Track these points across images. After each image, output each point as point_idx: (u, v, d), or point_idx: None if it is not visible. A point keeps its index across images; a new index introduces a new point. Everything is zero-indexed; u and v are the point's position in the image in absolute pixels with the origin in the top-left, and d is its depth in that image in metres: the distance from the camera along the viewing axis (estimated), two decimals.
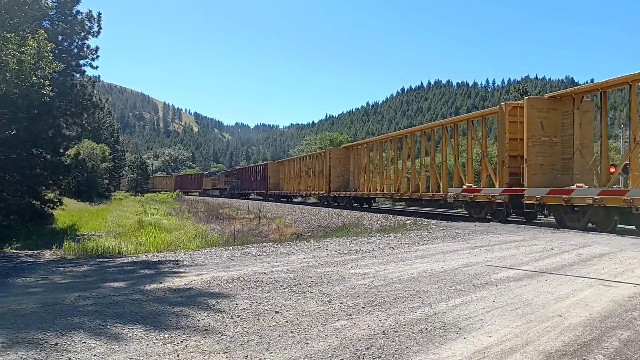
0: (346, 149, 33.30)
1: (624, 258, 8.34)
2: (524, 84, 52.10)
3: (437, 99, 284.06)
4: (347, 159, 32.23)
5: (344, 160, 32.27)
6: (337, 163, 32.20)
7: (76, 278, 6.74)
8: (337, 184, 32.06)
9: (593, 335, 4.16)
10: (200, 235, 17.94)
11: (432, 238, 11.82)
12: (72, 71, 21.95)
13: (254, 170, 53.93)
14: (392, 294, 5.65)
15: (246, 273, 6.95)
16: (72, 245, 12.30)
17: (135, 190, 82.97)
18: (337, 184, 32.10)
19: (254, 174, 52.39)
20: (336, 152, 33.39)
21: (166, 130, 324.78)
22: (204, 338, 4.03)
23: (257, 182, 49.83)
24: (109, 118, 66.48)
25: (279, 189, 44.53)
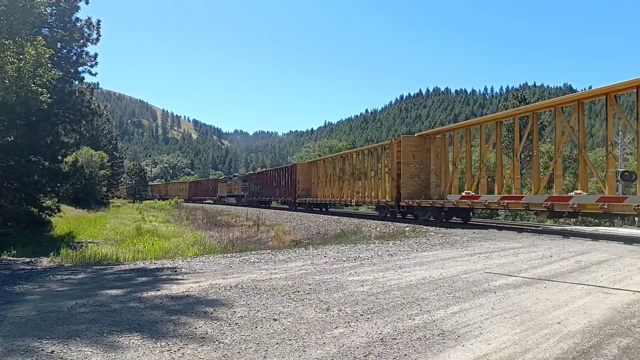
0: (423, 139, 23.08)
1: (622, 265, 8.33)
2: (523, 92, 52.33)
3: (435, 106, 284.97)
4: (426, 152, 22.43)
5: (419, 155, 22.50)
6: (409, 159, 22.28)
7: (73, 285, 6.71)
8: (410, 189, 22.05)
9: (592, 342, 4.15)
10: (199, 243, 17.92)
11: (431, 245, 11.81)
12: (71, 78, 22.01)
13: (277, 173, 44.25)
14: (391, 301, 5.64)
15: (244, 280, 6.93)
16: (70, 253, 12.23)
17: (133, 198, 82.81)
18: (411, 188, 22.07)
19: (277, 178, 43.57)
20: (408, 142, 22.88)
21: (165, 137, 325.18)
22: (201, 346, 4.01)
23: (282, 187, 41.61)
24: (107, 125, 66.53)
25: (311, 196, 36.02)
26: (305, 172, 37.55)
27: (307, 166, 38.63)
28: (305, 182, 37.26)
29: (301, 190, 37.16)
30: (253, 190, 50.59)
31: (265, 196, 47.07)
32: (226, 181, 65.11)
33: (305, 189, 37.04)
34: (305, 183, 37.23)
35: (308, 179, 37.20)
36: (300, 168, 38.26)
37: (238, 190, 56.71)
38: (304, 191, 37.04)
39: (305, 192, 37.00)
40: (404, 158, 22.31)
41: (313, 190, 36.26)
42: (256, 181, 50.90)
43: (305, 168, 38.17)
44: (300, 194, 37.09)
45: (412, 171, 22.30)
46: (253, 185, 51.08)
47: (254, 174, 55.72)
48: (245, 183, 54.71)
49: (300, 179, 37.36)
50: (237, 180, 59.93)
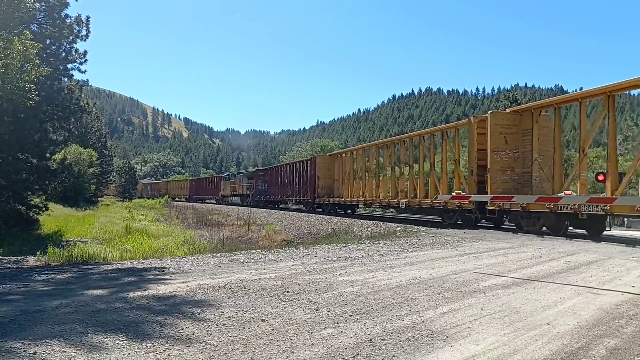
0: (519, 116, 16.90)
1: (611, 266, 8.36)
2: (514, 92, 52.52)
3: (427, 106, 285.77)
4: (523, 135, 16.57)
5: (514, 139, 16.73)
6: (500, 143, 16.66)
7: (59, 285, 6.61)
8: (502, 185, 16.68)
9: (580, 343, 4.14)
10: (188, 242, 17.82)
11: (422, 245, 11.81)
12: (60, 75, 21.83)
13: (290, 169, 38.25)
14: (380, 301, 5.60)
15: (233, 280, 6.87)
16: (57, 252, 12.13)
17: (123, 196, 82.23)
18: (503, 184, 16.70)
19: (289, 175, 37.77)
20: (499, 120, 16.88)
21: (155, 135, 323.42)
22: (187, 347, 3.95)
23: (296, 185, 35.88)
24: (96, 122, 66.09)
25: (334, 195, 30.74)
26: (326, 167, 31.84)
27: (329, 160, 32.63)
28: (326, 179, 31.74)
29: (322, 188, 31.54)
30: (260, 188, 45.08)
31: (274, 195, 41.52)
32: (229, 179, 58.50)
33: (327, 187, 31.57)
34: (327, 180, 31.73)
35: (330, 174, 31.72)
36: (321, 162, 32.35)
37: (243, 189, 50.94)
38: (325, 190, 31.51)
39: (326, 190, 31.49)
40: (493, 142, 16.56)
41: (337, 189, 30.87)
42: (264, 178, 45.02)
43: (327, 162, 32.33)
44: (320, 192, 31.50)
45: (503, 161, 16.73)
46: (260, 183, 45.28)
47: (261, 171, 48.27)
48: (251, 181, 48.42)
49: (321, 175, 31.70)
50: (241, 177, 53.57)
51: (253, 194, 46.72)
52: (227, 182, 58.04)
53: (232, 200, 54.57)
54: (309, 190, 33.13)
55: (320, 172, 31.81)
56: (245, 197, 49.90)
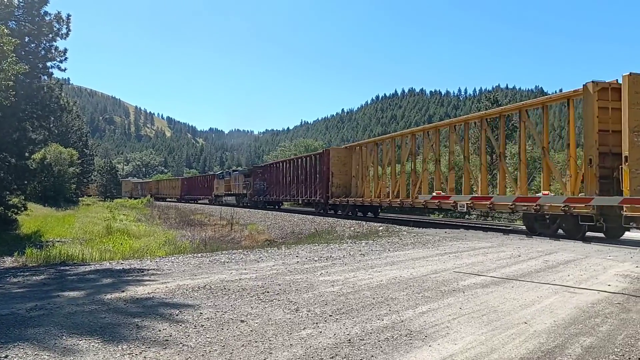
0: None
1: (588, 265, 8.48)
2: (495, 93, 53.00)
3: (410, 106, 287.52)
4: None
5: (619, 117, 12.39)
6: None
7: (34, 287, 6.49)
8: None
9: (557, 342, 4.19)
10: (170, 242, 17.65)
11: (403, 245, 11.85)
12: (39, 73, 21.55)
13: (295, 165, 33.75)
14: (360, 301, 5.61)
15: (213, 281, 6.81)
16: (35, 252, 11.93)
17: (104, 196, 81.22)
18: None
19: (294, 171, 33.42)
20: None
21: (138, 134, 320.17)
22: (164, 349, 3.90)
23: (303, 183, 31.61)
24: (77, 121, 65.18)
25: (352, 195, 26.64)
26: (341, 162, 27.57)
27: (344, 153, 28.15)
28: (342, 176, 27.43)
29: (336, 186, 27.21)
30: (258, 187, 40.80)
31: (274, 195, 37.22)
32: (224, 177, 53.22)
33: (342, 186, 27.28)
34: (343, 177, 27.44)
35: (346, 170, 27.48)
36: (336, 155, 27.78)
37: (238, 188, 46.39)
38: (340, 188, 27.21)
39: (342, 189, 27.23)
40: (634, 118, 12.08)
41: (355, 187, 26.64)
42: (262, 176, 40.52)
43: (343, 155, 27.89)
44: (335, 192, 27.19)
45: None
46: (258, 181, 40.93)
47: (259, 167, 43.94)
48: (248, 179, 43.58)
49: (336, 171, 27.35)
50: (237, 175, 48.28)
51: (250, 193, 42.45)
52: (221, 180, 53.31)
53: (226, 201, 50.57)
54: (321, 188, 28.53)
55: (334, 168, 27.29)
56: (241, 198, 45.81)
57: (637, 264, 8.51)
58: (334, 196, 27.12)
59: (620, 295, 6.03)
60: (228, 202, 49.65)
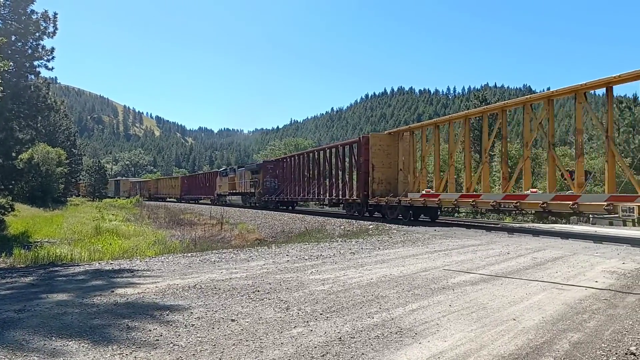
0: None
1: (576, 262, 8.58)
2: (484, 92, 53.34)
3: (400, 105, 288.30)
4: None
5: None
6: None
7: (22, 288, 6.43)
8: None
9: (545, 338, 4.24)
10: (160, 242, 17.57)
11: (393, 243, 11.90)
12: (26, 72, 21.33)
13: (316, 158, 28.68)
14: (351, 299, 5.63)
15: (203, 280, 6.80)
16: (23, 253, 11.83)
17: (92, 196, 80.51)
18: None
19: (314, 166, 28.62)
20: None
21: (126, 134, 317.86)
22: (154, 349, 3.89)
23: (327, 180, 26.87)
24: (65, 121, 64.53)
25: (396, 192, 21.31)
26: (384, 152, 22.08)
27: (388, 140, 22.41)
28: (385, 169, 22.00)
29: (378, 183, 21.78)
30: (269, 185, 35.65)
31: (289, 194, 32.30)
32: (227, 174, 47.31)
33: (385, 181, 21.92)
34: (386, 170, 22.00)
35: (390, 162, 22.12)
36: (377, 144, 22.08)
37: (245, 187, 40.60)
38: (383, 185, 21.84)
39: (385, 186, 21.81)
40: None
41: (402, 183, 21.49)
42: (273, 172, 35.76)
43: (386, 144, 22.22)
44: (376, 190, 21.70)
45: None
46: (269, 178, 35.77)
47: (270, 162, 38.11)
48: (256, 176, 37.79)
49: (377, 163, 21.87)
50: (243, 172, 42.12)
51: (259, 192, 36.71)
52: (224, 178, 47.46)
53: (231, 201, 45.35)
54: (356, 186, 23.39)
55: (375, 159, 21.88)
56: (248, 197, 40.20)
57: (623, 261, 8.62)
58: (376, 195, 21.51)
59: (607, 291, 6.11)
60: (233, 202, 44.64)
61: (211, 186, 51.99)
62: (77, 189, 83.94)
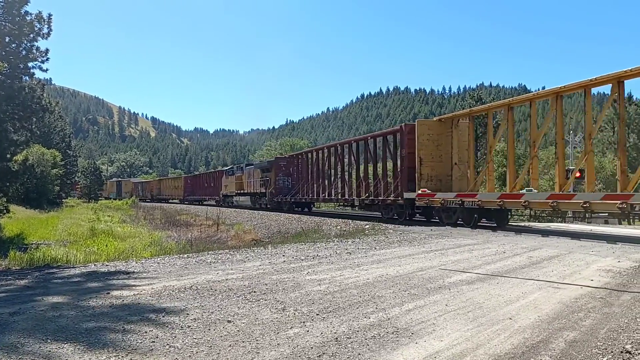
0: None
1: (572, 260, 8.60)
2: (479, 91, 53.48)
3: (395, 105, 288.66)
4: None
5: None
6: None
7: (17, 291, 6.40)
8: None
9: (541, 337, 4.24)
10: (156, 243, 17.52)
11: (389, 243, 11.91)
12: (20, 73, 21.27)
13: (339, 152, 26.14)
14: (347, 299, 5.63)
15: (199, 282, 6.79)
16: (18, 255, 11.78)
17: (88, 197, 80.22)
18: None
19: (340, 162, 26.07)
20: None
21: (122, 135, 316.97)
22: (150, 351, 3.88)
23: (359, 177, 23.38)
24: (60, 122, 64.31)
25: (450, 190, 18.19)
26: (434, 142, 18.90)
27: (438, 128, 19.17)
28: (434, 163, 18.81)
29: (427, 179, 18.64)
30: (282, 184, 32.98)
31: (307, 194, 29.44)
32: (234, 173, 43.70)
33: (436, 178, 18.82)
34: (436, 165, 18.84)
35: (443, 155, 18.89)
36: (426, 133, 18.88)
37: (254, 186, 37.52)
38: (433, 182, 18.69)
39: (435, 183, 18.71)
40: None
41: (459, 181, 18.31)
42: (286, 170, 33.09)
43: (436, 133, 19.00)
44: (427, 187, 18.31)
45: None
46: (282, 177, 33.13)
47: (283, 159, 35.18)
48: (267, 174, 34.74)
49: (425, 156, 18.68)
50: (251, 170, 38.65)
51: (271, 192, 33.55)
52: (230, 177, 44.27)
53: (238, 202, 41.93)
54: (397, 184, 19.82)
55: (423, 151, 18.61)
56: (258, 198, 37.01)
57: (618, 259, 8.65)
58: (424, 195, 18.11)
59: (602, 290, 6.13)
60: (241, 203, 41.09)
61: (216, 186, 49.24)
62: (78, 190, 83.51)
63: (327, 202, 29.37)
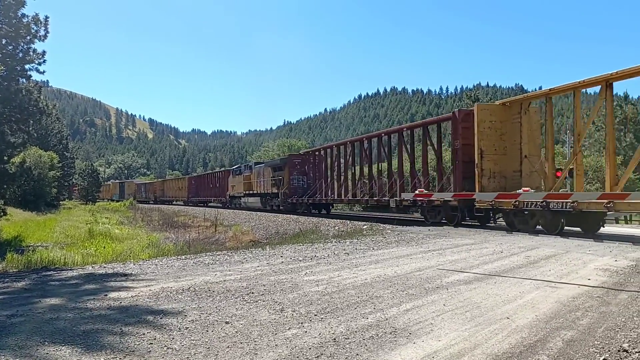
0: None
1: (569, 259, 8.62)
2: (476, 92, 53.62)
3: (393, 105, 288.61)
4: None
5: None
6: None
7: (14, 293, 6.38)
8: None
9: (538, 336, 4.25)
10: (153, 245, 17.50)
11: (387, 243, 11.91)
12: (17, 76, 21.22)
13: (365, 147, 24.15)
14: (345, 300, 5.63)
15: (197, 283, 6.78)
16: (16, 258, 11.77)
17: (86, 199, 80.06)
18: None
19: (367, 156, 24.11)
20: None
21: (119, 136, 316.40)
22: (148, 353, 3.87)
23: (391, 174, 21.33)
24: (57, 124, 64.18)
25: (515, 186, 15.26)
26: (497, 132, 15.83)
27: (502, 114, 16.02)
28: (499, 157, 15.82)
29: (490, 176, 15.70)
30: (297, 184, 30.38)
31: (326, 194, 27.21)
32: (241, 172, 40.78)
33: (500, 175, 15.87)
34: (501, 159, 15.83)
35: (505, 146, 15.85)
36: (487, 119, 15.77)
37: (264, 186, 34.77)
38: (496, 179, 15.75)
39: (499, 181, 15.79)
40: None
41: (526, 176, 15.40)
42: (301, 168, 30.53)
43: (499, 120, 15.92)
44: (487, 186, 15.62)
45: None
46: (296, 175, 30.48)
47: (297, 157, 32.28)
48: (279, 172, 32.11)
49: (487, 148, 15.69)
50: (261, 169, 36.03)
51: (284, 193, 30.87)
52: (237, 177, 41.32)
53: (246, 203, 39.01)
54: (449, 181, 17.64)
55: (485, 142, 15.59)
56: (269, 199, 34.15)
57: (616, 258, 8.67)
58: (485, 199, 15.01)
59: (600, 289, 6.14)
60: (249, 204, 38.26)
61: (222, 187, 46.84)
62: (76, 192, 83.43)
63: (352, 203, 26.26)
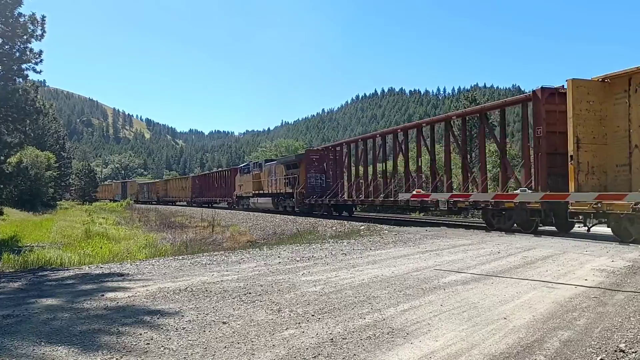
0: None
1: (566, 260, 8.63)
2: (473, 92, 53.61)
3: (390, 106, 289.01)
4: None
5: None
6: None
7: (10, 293, 6.35)
8: None
9: (536, 336, 4.26)
10: (151, 245, 17.47)
11: (384, 243, 11.92)
12: (14, 75, 21.12)
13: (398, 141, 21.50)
14: (343, 300, 5.63)
15: (194, 283, 6.77)
16: (12, 258, 11.72)
17: (82, 199, 79.91)
18: None
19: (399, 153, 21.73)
20: None
21: (116, 136, 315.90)
22: (145, 353, 3.86)
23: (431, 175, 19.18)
24: (54, 124, 64.09)
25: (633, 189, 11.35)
26: (596, 116, 12.60)
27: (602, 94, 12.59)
28: (598, 147, 12.58)
29: (588, 172, 12.48)
30: (314, 183, 27.69)
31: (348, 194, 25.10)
32: (250, 170, 37.66)
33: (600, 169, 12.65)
34: (600, 149, 12.59)
35: (609, 134, 12.56)
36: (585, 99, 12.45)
37: (276, 186, 32.13)
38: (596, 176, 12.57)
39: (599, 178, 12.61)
40: None
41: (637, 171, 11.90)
42: (319, 166, 27.93)
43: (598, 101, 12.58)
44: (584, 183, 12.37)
45: None
46: (313, 174, 27.77)
47: (314, 152, 29.53)
48: (293, 170, 29.52)
49: (585, 136, 12.43)
50: (273, 167, 33.28)
51: (301, 192, 28.05)
52: (246, 175, 38.06)
53: (256, 204, 36.29)
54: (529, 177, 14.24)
55: (582, 129, 12.48)
56: (282, 199, 31.50)
57: (612, 259, 8.69)
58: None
59: (597, 289, 6.16)
60: (259, 205, 35.66)
61: (228, 186, 43.95)
62: (72, 192, 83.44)
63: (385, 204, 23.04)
